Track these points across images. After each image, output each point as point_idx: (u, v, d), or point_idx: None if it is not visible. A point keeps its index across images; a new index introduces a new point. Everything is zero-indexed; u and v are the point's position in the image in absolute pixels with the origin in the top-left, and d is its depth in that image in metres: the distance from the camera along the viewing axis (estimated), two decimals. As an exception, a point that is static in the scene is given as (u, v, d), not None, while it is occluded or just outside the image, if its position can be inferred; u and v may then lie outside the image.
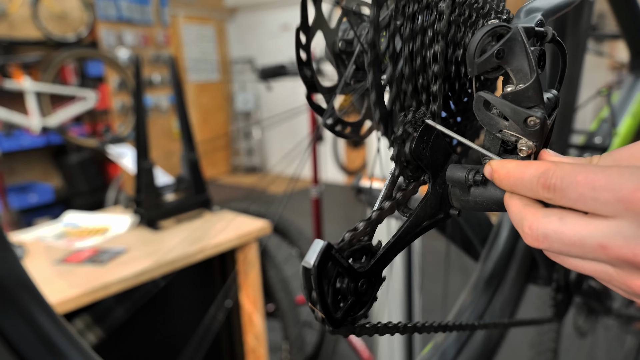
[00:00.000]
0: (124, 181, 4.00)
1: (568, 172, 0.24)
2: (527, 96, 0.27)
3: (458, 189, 0.32)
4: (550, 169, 0.25)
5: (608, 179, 0.23)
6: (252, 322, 1.53)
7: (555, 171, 0.25)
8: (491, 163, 0.29)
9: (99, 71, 4.19)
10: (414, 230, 0.32)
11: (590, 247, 0.24)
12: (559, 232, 0.25)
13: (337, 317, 0.28)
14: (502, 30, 0.28)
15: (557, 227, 0.25)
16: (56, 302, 0.98)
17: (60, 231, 1.42)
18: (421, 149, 0.31)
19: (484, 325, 0.54)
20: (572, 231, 0.24)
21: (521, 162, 0.27)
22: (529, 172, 0.26)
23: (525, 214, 0.26)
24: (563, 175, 0.24)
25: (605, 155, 0.27)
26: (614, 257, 0.23)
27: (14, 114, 3.00)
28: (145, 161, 1.41)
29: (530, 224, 0.26)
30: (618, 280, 0.24)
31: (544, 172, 0.25)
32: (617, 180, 0.22)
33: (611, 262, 0.24)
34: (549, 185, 0.25)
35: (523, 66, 0.27)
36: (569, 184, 0.24)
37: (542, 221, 0.25)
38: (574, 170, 0.24)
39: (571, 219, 0.24)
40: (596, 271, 0.25)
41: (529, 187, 0.26)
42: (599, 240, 0.23)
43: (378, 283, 0.31)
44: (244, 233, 1.40)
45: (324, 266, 0.27)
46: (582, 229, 0.24)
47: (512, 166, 0.27)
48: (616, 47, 3.74)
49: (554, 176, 0.25)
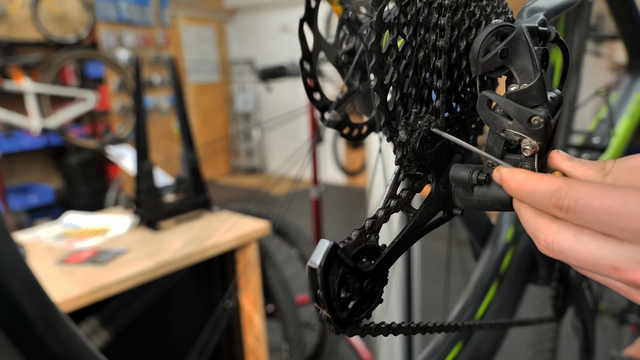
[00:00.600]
0: (124, 182, 4.00)
1: (582, 194, 0.24)
2: (531, 95, 0.27)
3: (461, 189, 0.32)
4: (562, 188, 0.25)
5: (625, 207, 0.22)
6: (252, 323, 1.53)
7: (568, 192, 0.24)
8: (501, 171, 0.28)
9: (98, 72, 4.20)
10: (417, 229, 0.32)
11: (603, 267, 0.24)
12: (574, 250, 0.25)
13: (343, 317, 0.28)
14: (506, 30, 0.28)
15: (571, 245, 0.25)
16: (56, 302, 0.98)
17: (60, 232, 1.42)
18: (425, 149, 0.31)
19: (484, 326, 0.54)
20: (586, 250, 0.24)
21: (531, 174, 0.27)
22: (540, 187, 0.26)
23: (540, 225, 0.26)
24: (577, 197, 0.24)
25: (620, 161, 0.26)
26: (626, 279, 0.23)
27: (14, 115, 2.99)
28: (145, 162, 1.41)
29: (546, 237, 0.26)
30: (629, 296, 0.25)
31: (556, 191, 0.25)
32: (635, 208, 0.22)
33: (624, 283, 0.24)
34: (562, 206, 0.24)
35: (527, 65, 0.27)
36: (583, 208, 0.24)
37: (557, 236, 0.25)
38: (589, 194, 0.24)
39: (586, 238, 0.24)
40: (612, 285, 0.25)
41: (540, 202, 0.26)
42: (613, 262, 0.23)
43: (383, 283, 0.31)
44: (243, 234, 1.40)
45: (330, 266, 0.27)
46: (596, 250, 0.24)
47: (522, 178, 0.27)
48: (615, 48, 3.75)
49: (567, 197, 0.24)
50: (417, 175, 0.33)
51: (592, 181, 0.25)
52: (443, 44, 0.32)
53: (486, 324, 0.55)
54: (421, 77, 0.32)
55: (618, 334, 1.67)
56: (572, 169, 0.27)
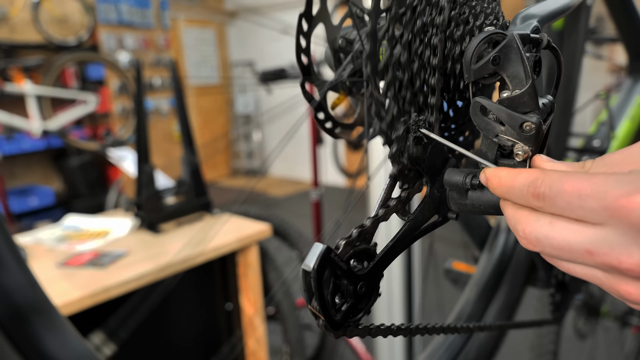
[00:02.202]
0: (124, 184, 4.01)
1: (556, 180, 0.25)
2: (523, 102, 0.28)
3: (456, 193, 0.33)
4: (538, 177, 0.26)
5: (594, 187, 0.23)
6: (253, 325, 1.53)
7: (543, 180, 0.25)
8: (485, 171, 0.29)
9: (99, 74, 4.21)
10: (412, 233, 0.33)
11: (577, 252, 0.24)
12: (549, 237, 0.25)
13: (337, 320, 0.29)
14: (498, 37, 0.28)
15: (547, 232, 0.25)
16: (57, 305, 0.98)
17: (61, 234, 1.43)
18: (418, 153, 0.32)
19: (483, 327, 0.54)
20: (560, 236, 0.25)
21: (512, 170, 0.28)
22: (519, 180, 0.27)
23: (519, 217, 0.27)
24: (551, 183, 0.25)
25: (598, 159, 0.27)
26: (601, 263, 0.24)
27: (15, 118, 3.00)
28: (145, 164, 1.41)
29: (524, 228, 0.27)
30: (607, 285, 0.25)
31: (533, 181, 0.26)
32: (602, 188, 0.23)
33: (599, 268, 0.25)
34: (538, 194, 0.25)
35: (519, 72, 0.28)
36: (557, 193, 0.25)
37: (534, 225, 0.26)
38: (561, 179, 0.25)
39: (560, 225, 0.25)
40: (587, 275, 0.26)
41: (519, 195, 0.27)
42: (586, 246, 0.24)
43: (377, 286, 0.31)
44: (244, 236, 1.40)
45: (324, 269, 0.27)
46: (569, 235, 0.25)
47: (503, 174, 0.28)
48: (615, 51, 3.75)
49: (542, 185, 0.25)
50: (412, 179, 0.33)
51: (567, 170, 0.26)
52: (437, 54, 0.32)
53: (486, 326, 0.56)
54: (416, 80, 0.33)
55: (620, 337, 1.67)
56: (552, 168, 0.28)
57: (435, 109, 0.32)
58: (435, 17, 0.32)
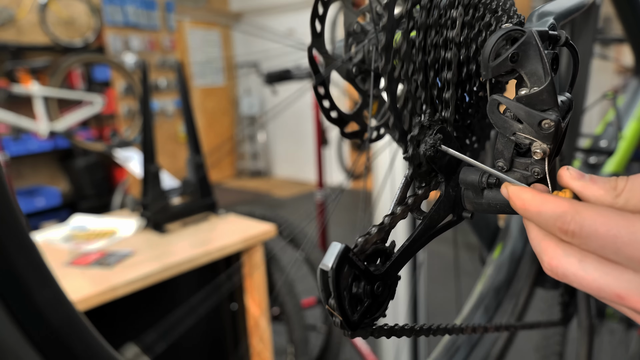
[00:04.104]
0: (131, 185, 4.02)
1: (588, 220, 0.23)
2: (542, 99, 0.27)
3: (471, 192, 0.32)
4: (567, 213, 0.24)
5: (632, 236, 0.22)
6: (258, 325, 1.53)
7: (573, 217, 0.24)
8: (508, 188, 0.28)
9: (105, 76, 4.23)
10: (427, 232, 0.32)
11: (607, 294, 0.24)
12: (578, 277, 0.24)
13: (354, 320, 0.28)
14: (516, 34, 0.28)
15: (576, 271, 0.24)
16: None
17: (68, 234, 1.43)
18: (435, 153, 0.31)
19: (493, 328, 0.53)
20: (590, 277, 0.24)
21: (537, 194, 0.26)
22: (545, 209, 0.25)
23: (545, 247, 0.26)
24: (582, 224, 0.24)
25: (633, 179, 0.25)
26: (630, 307, 0.23)
27: (22, 119, 3.02)
28: (151, 165, 1.41)
29: (550, 261, 0.25)
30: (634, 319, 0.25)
31: (561, 215, 0.24)
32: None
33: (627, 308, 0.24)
34: (567, 231, 0.24)
35: (537, 69, 0.27)
36: (589, 234, 0.23)
37: (562, 260, 0.25)
38: (595, 220, 0.23)
39: (591, 265, 0.24)
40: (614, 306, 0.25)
41: (545, 224, 0.25)
42: (617, 291, 0.23)
43: (393, 285, 0.31)
44: (249, 236, 1.40)
45: (342, 269, 0.27)
46: (600, 278, 0.24)
47: (528, 197, 0.26)
48: (622, 51, 3.73)
49: (572, 222, 0.24)
50: (428, 178, 0.33)
51: (600, 205, 0.25)
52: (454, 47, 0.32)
53: (494, 327, 0.55)
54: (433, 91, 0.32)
55: (625, 339, 1.65)
56: (582, 189, 0.26)
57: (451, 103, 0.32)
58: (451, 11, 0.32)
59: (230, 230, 1.44)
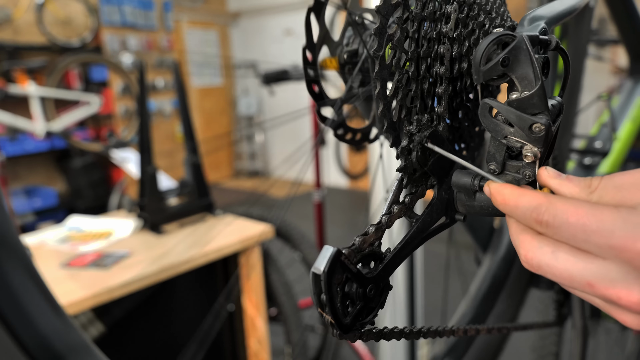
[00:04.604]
0: (128, 185, 4.02)
1: (560, 210, 0.25)
2: (532, 103, 0.28)
3: (464, 194, 0.33)
4: (542, 204, 0.26)
5: (600, 224, 0.23)
6: (255, 326, 1.53)
7: (547, 208, 0.25)
8: (490, 185, 0.30)
9: (102, 76, 4.22)
10: (420, 235, 0.33)
11: (579, 283, 0.25)
12: (551, 266, 0.26)
13: (346, 322, 0.29)
14: (507, 39, 0.28)
15: (549, 261, 0.26)
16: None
17: (64, 235, 1.43)
18: (427, 156, 0.31)
19: (485, 330, 0.54)
20: (562, 267, 0.25)
21: (516, 189, 0.28)
22: (522, 203, 0.27)
23: (521, 241, 0.27)
24: (555, 213, 0.25)
25: (607, 179, 0.27)
26: (600, 295, 0.25)
27: (19, 119, 3.01)
28: (148, 165, 1.41)
29: (526, 253, 0.27)
30: (605, 310, 0.26)
31: (536, 207, 0.26)
32: (609, 227, 0.23)
33: (598, 298, 0.25)
34: (541, 222, 0.26)
35: (528, 74, 0.27)
36: (560, 224, 0.25)
37: (536, 252, 0.26)
38: (566, 210, 0.25)
39: (563, 255, 0.25)
40: (585, 298, 0.27)
41: (522, 217, 0.27)
42: (587, 279, 0.24)
43: (386, 288, 0.31)
44: (246, 237, 1.40)
45: (334, 272, 0.27)
46: (572, 267, 0.25)
47: (507, 192, 0.28)
48: (617, 52, 3.75)
49: (546, 213, 0.25)
50: (420, 181, 0.33)
51: (573, 198, 0.26)
52: (444, 51, 0.32)
53: (489, 329, 0.55)
54: (424, 85, 0.33)
55: (621, 338, 1.66)
56: (559, 187, 0.28)
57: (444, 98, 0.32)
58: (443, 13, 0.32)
59: (227, 231, 1.44)
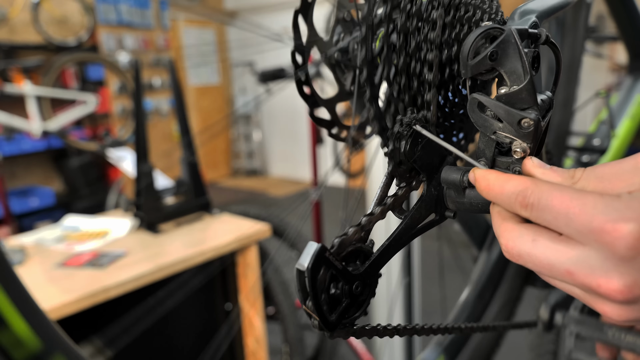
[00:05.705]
0: (124, 184, 4.01)
1: (545, 193, 0.25)
2: (521, 98, 0.27)
3: (453, 191, 0.32)
4: (528, 187, 0.26)
5: (582, 207, 0.23)
6: (252, 325, 1.52)
7: (533, 190, 0.25)
8: (475, 172, 0.29)
9: (99, 75, 4.20)
10: (409, 232, 0.32)
11: (559, 271, 0.25)
12: (531, 255, 0.25)
13: (332, 320, 0.28)
14: (496, 32, 0.28)
15: (529, 250, 0.25)
16: (56, 305, 0.98)
17: (61, 235, 1.42)
18: (415, 151, 0.31)
19: (483, 328, 0.53)
20: (542, 255, 0.25)
21: (501, 175, 0.27)
22: (508, 187, 0.27)
23: (503, 230, 0.27)
24: (540, 195, 0.25)
25: (589, 170, 0.27)
26: (580, 284, 0.24)
27: (15, 118, 3.00)
28: (145, 165, 1.41)
29: (507, 242, 0.27)
30: (585, 301, 0.25)
31: (522, 190, 0.26)
32: (591, 210, 0.23)
33: (578, 287, 0.25)
34: (527, 205, 0.25)
35: (516, 68, 0.27)
36: (545, 206, 0.25)
37: (516, 241, 0.26)
38: (551, 193, 0.25)
39: (543, 242, 0.25)
40: (565, 289, 0.26)
41: (507, 202, 0.27)
42: (567, 267, 0.24)
43: (373, 285, 0.31)
44: (243, 236, 1.40)
45: (318, 269, 0.27)
46: (551, 254, 0.25)
47: (492, 178, 0.28)
48: (616, 49, 3.75)
49: (531, 195, 0.25)
50: (409, 177, 0.33)
51: (559, 184, 0.26)
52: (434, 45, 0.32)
53: (485, 327, 0.55)
54: (412, 78, 0.32)
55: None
56: (542, 176, 0.28)
57: (433, 104, 0.32)
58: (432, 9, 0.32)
59: (224, 230, 1.44)
